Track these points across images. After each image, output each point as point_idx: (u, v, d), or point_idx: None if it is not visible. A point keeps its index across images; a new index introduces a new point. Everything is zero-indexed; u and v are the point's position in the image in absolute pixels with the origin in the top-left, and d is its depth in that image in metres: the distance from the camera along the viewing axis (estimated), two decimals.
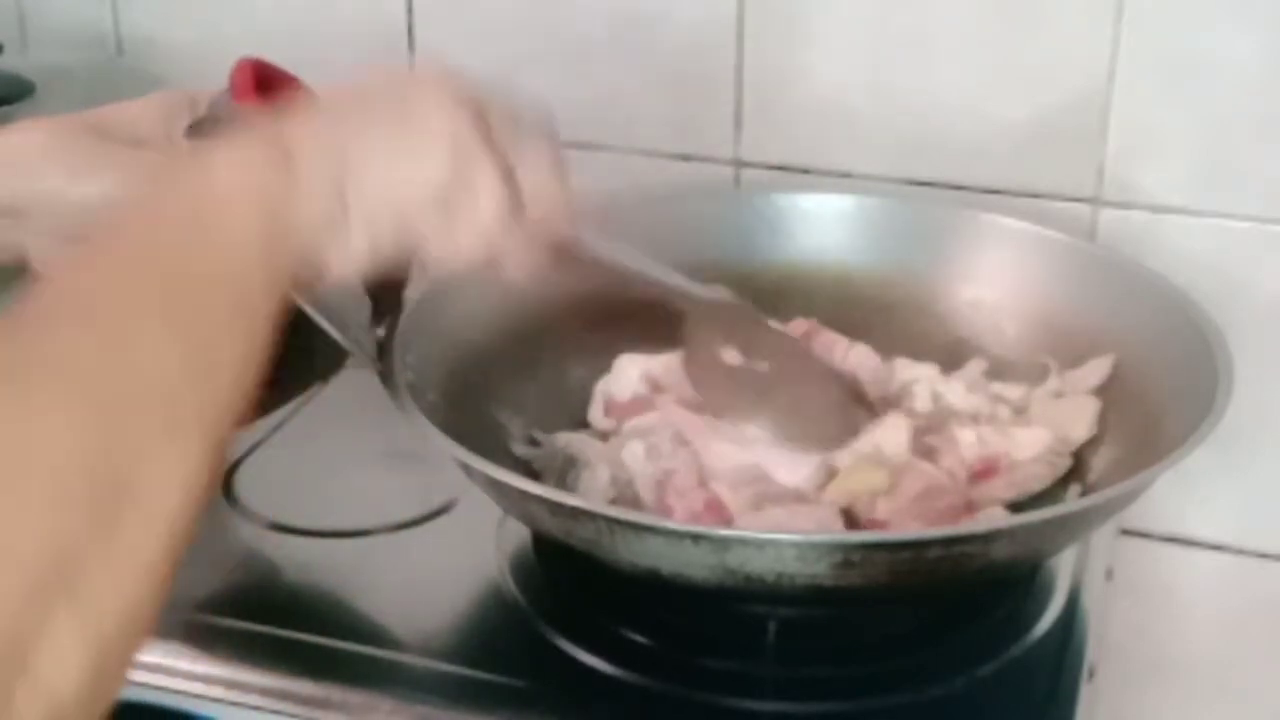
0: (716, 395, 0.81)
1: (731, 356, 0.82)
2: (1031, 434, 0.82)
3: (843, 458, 0.81)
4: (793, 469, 0.79)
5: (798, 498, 0.78)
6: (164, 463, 0.45)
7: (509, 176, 0.61)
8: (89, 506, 0.42)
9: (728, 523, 0.75)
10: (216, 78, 0.74)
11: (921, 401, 0.86)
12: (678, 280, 0.80)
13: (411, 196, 0.59)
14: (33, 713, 0.39)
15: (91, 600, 0.41)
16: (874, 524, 0.78)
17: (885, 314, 0.92)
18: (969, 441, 0.81)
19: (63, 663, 0.40)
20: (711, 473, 0.78)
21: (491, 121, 0.61)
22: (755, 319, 0.84)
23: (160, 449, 0.45)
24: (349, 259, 0.58)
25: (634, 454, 0.79)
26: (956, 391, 0.86)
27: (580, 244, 0.70)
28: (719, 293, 0.82)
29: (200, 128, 0.73)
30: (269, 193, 0.54)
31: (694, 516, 0.75)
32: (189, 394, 0.47)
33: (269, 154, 0.56)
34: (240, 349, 0.51)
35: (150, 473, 0.44)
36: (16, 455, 0.42)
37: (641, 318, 0.84)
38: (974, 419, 0.84)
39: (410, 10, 1.07)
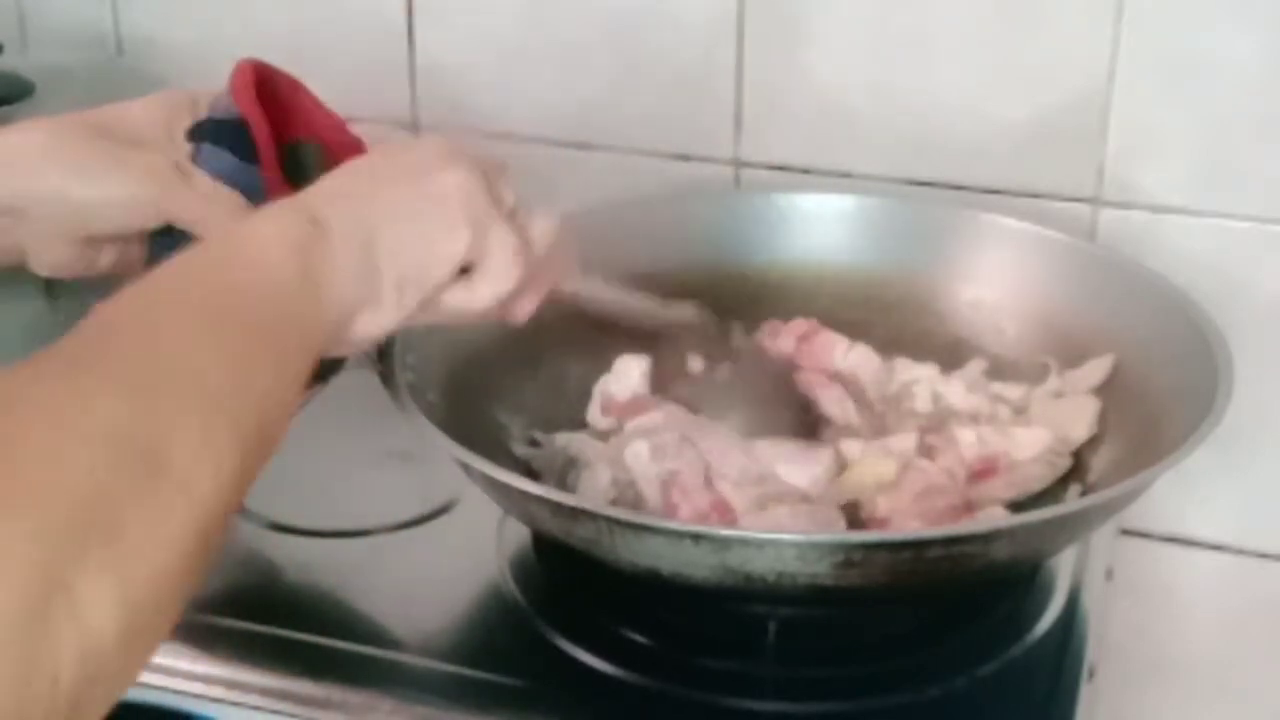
0: (680, 399, 0.86)
1: (695, 364, 0.87)
2: (1031, 434, 0.82)
3: (851, 453, 0.81)
4: (800, 469, 0.79)
5: (803, 497, 0.78)
6: (194, 443, 0.48)
7: (520, 239, 0.66)
8: (125, 468, 0.45)
9: (733, 523, 0.75)
10: (216, 78, 0.74)
11: (921, 401, 0.86)
12: (648, 303, 0.85)
13: (437, 269, 0.64)
14: (67, 639, 0.41)
15: (124, 555, 0.44)
16: (874, 523, 0.78)
17: (885, 314, 0.92)
18: (969, 441, 0.81)
19: (97, 603, 0.42)
20: (717, 473, 0.78)
21: (497, 188, 0.66)
22: (718, 331, 0.88)
23: (191, 431, 0.48)
24: (378, 325, 0.63)
25: (637, 454, 0.79)
26: (956, 391, 0.86)
27: (576, 286, 0.78)
28: (685, 310, 0.87)
29: (202, 129, 0.73)
30: (307, 253, 0.59)
31: (700, 516, 0.75)
32: (227, 394, 0.51)
33: (304, 221, 0.60)
34: (275, 369, 0.55)
35: (181, 450, 0.47)
36: (63, 421, 0.45)
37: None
38: (974, 419, 0.84)
39: (410, 10, 1.07)
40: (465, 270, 0.66)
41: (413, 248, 0.63)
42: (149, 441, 0.47)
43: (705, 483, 0.77)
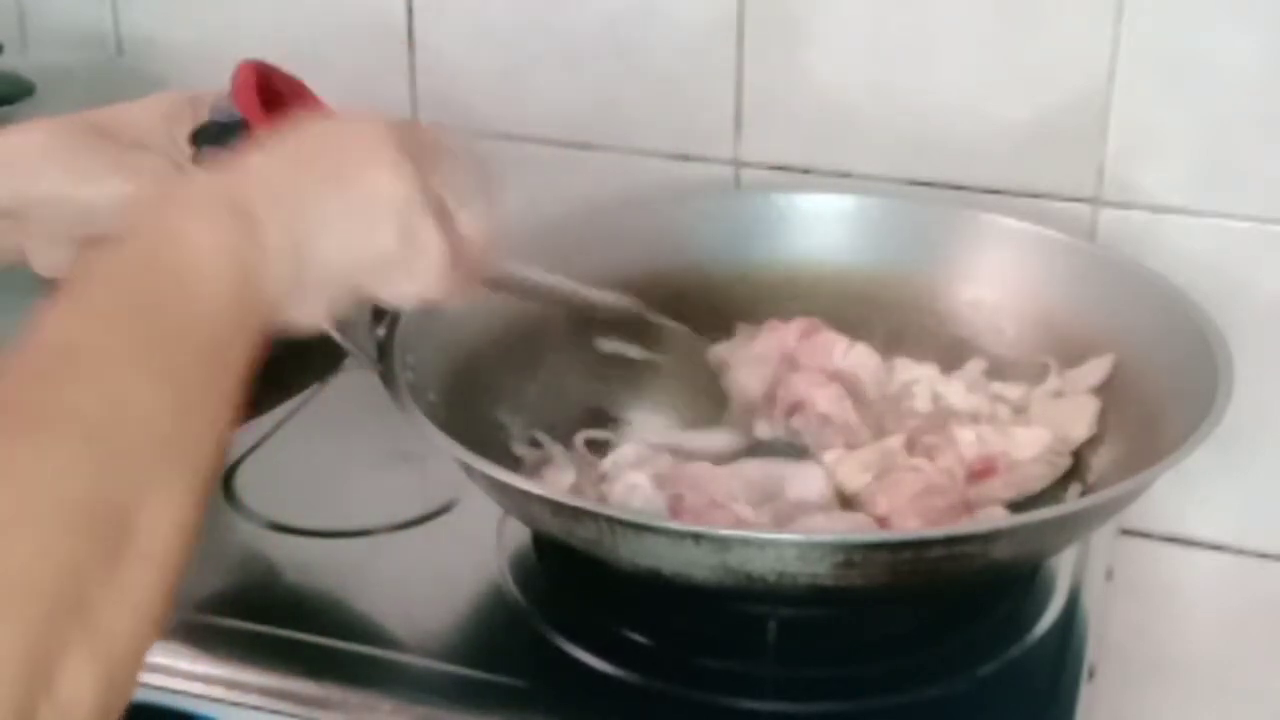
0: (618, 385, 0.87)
1: (634, 352, 0.87)
2: (1031, 434, 0.82)
3: (843, 465, 0.81)
4: (804, 484, 0.79)
5: (819, 509, 0.78)
6: (160, 501, 0.48)
7: (449, 227, 0.65)
8: (96, 542, 0.45)
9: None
10: (217, 78, 0.74)
11: (921, 401, 0.86)
12: (587, 291, 0.84)
13: (363, 262, 0.63)
14: None
15: (101, 636, 0.44)
16: (873, 523, 0.78)
17: (885, 314, 0.92)
18: (969, 441, 0.81)
19: (78, 686, 0.43)
20: (726, 495, 0.78)
21: (428, 169, 0.64)
22: (653, 318, 0.87)
23: (155, 488, 0.48)
24: (308, 315, 0.62)
25: (634, 485, 0.79)
26: (957, 391, 0.86)
27: (505, 271, 0.76)
28: (620, 299, 0.86)
29: (205, 133, 0.73)
30: (245, 265, 0.57)
31: None
32: (178, 437, 0.50)
33: (235, 216, 0.58)
34: (218, 393, 0.54)
35: (148, 511, 0.47)
36: (30, 494, 0.45)
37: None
38: (974, 419, 0.84)
39: (410, 10, 1.07)
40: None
41: (339, 252, 0.62)
42: (115, 506, 0.46)
43: (712, 504, 0.77)
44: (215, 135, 0.72)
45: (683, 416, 0.86)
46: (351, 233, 0.62)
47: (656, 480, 0.78)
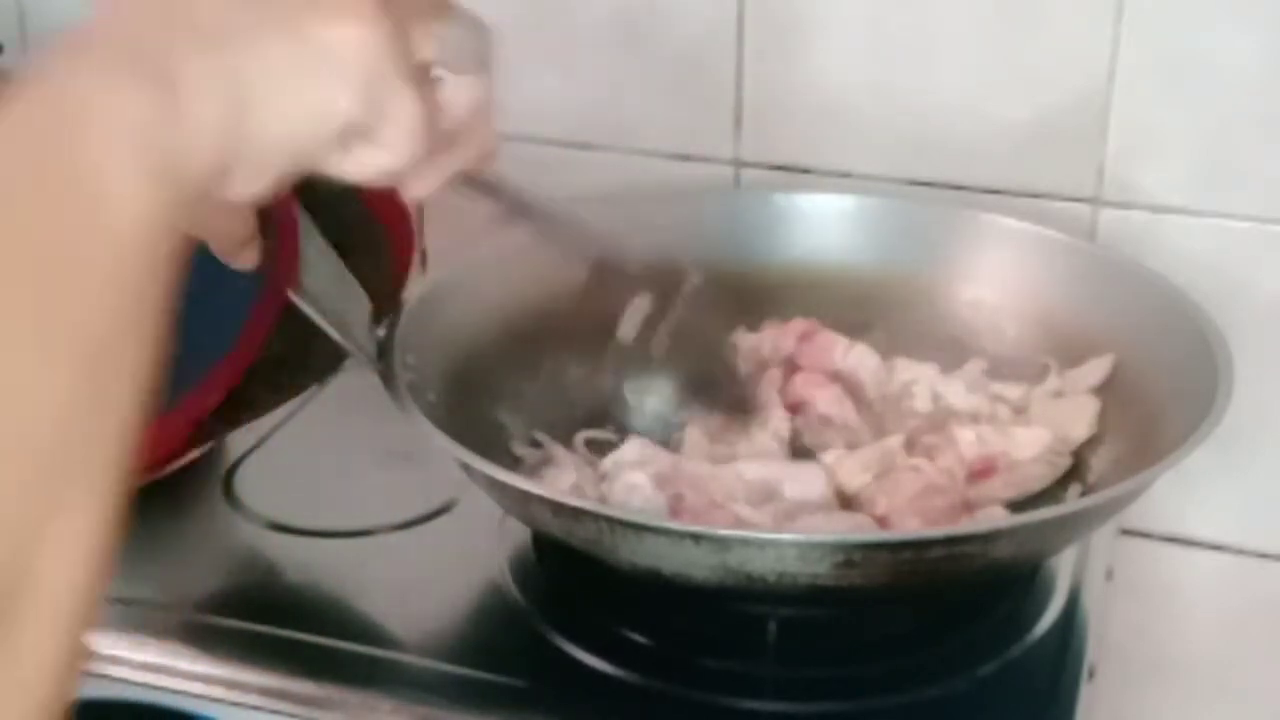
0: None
1: (642, 304, 0.80)
2: (1031, 434, 0.82)
3: (844, 465, 0.81)
4: (803, 485, 0.79)
5: (820, 509, 0.78)
6: (62, 534, 0.37)
7: (428, 94, 0.54)
8: None
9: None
10: None
11: (921, 401, 0.86)
12: (585, 223, 0.75)
13: (316, 131, 0.50)
14: None
15: None
16: (873, 521, 0.78)
17: (885, 314, 0.92)
18: (969, 441, 0.81)
19: None
20: (726, 495, 0.78)
21: (411, 24, 0.53)
22: (670, 271, 0.80)
23: (56, 517, 0.37)
24: (242, 194, 0.49)
25: (634, 485, 0.78)
26: (957, 391, 0.86)
27: (499, 183, 0.68)
28: (621, 244, 0.78)
29: None
30: (155, 141, 0.42)
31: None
32: (84, 438, 0.38)
33: (147, 86, 0.43)
34: (134, 360, 0.40)
35: (46, 552, 0.36)
36: None
37: None
38: (974, 419, 0.84)
39: None
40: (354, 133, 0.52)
41: (285, 110, 0.48)
42: (16, 559, 0.35)
43: (712, 504, 0.77)
44: None
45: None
46: (303, 93, 0.49)
47: (657, 480, 0.78)
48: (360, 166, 0.53)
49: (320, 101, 0.49)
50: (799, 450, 0.85)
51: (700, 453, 0.82)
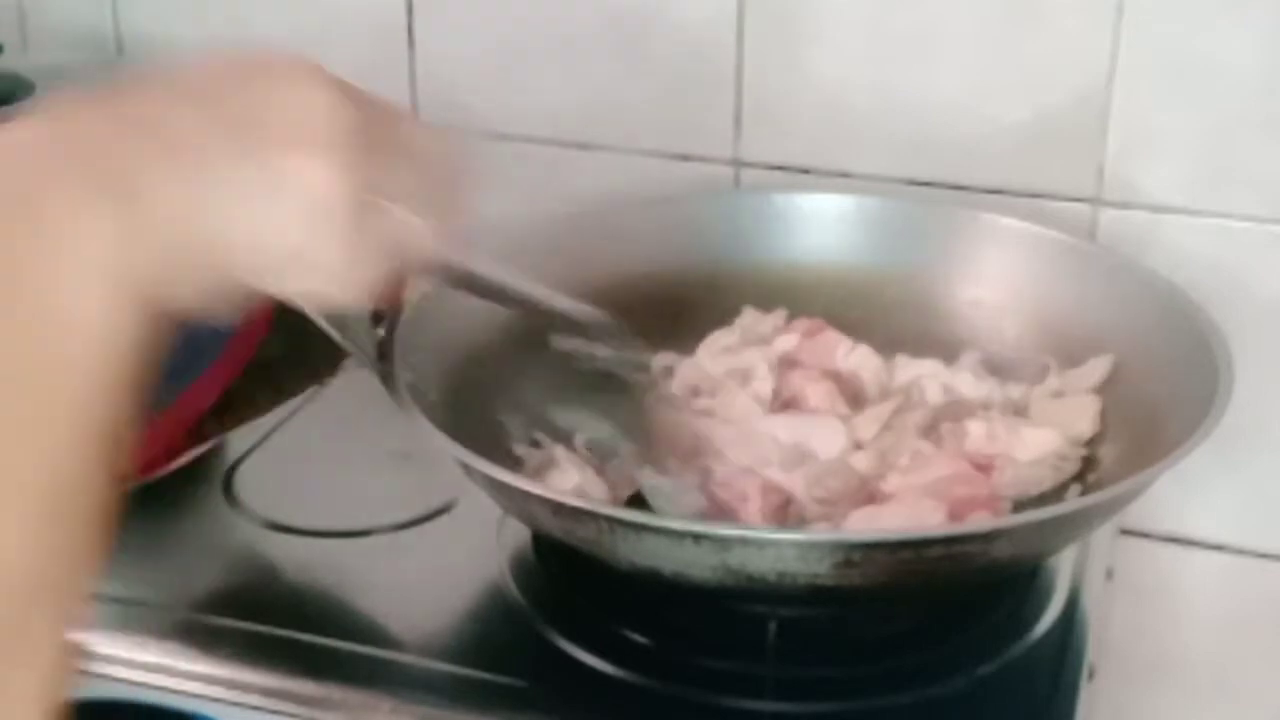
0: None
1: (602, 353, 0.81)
2: (1040, 435, 0.82)
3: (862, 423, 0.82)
4: (827, 438, 0.79)
5: (854, 474, 0.78)
6: (10, 699, 0.35)
7: (377, 222, 0.52)
8: None
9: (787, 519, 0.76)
10: None
11: (933, 394, 0.86)
12: (555, 299, 0.78)
13: (255, 251, 0.49)
14: None
15: None
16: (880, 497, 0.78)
17: (885, 314, 0.92)
18: (977, 434, 0.81)
19: None
20: (757, 459, 0.78)
21: (374, 160, 0.51)
22: (625, 336, 0.82)
23: (15, 670, 0.36)
24: (177, 299, 0.46)
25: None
26: (966, 381, 0.86)
27: (463, 267, 0.69)
28: (591, 312, 0.81)
29: None
30: (117, 259, 0.42)
31: (769, 513, 0.76)
32: (34, 577, 0.36)
33: (119, 205, 0.43)
34: (95, 486, 0.39)
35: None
36: None
37: (643, 313, 0.85)
38: (985, 407, 0.84)
39: (410, 10, 1.07)
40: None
41: (227, 233, 0.47)
42: None
43: (746, 472, 0.77)
44: None
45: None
46: (252, 216, 0.48)
47: (681, 457, 0.79)
48: (293, 292, 0.52)
49: (268, 221, 0.49)
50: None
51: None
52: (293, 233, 0.49)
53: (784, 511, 0.78)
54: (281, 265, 0.50)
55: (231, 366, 0.80)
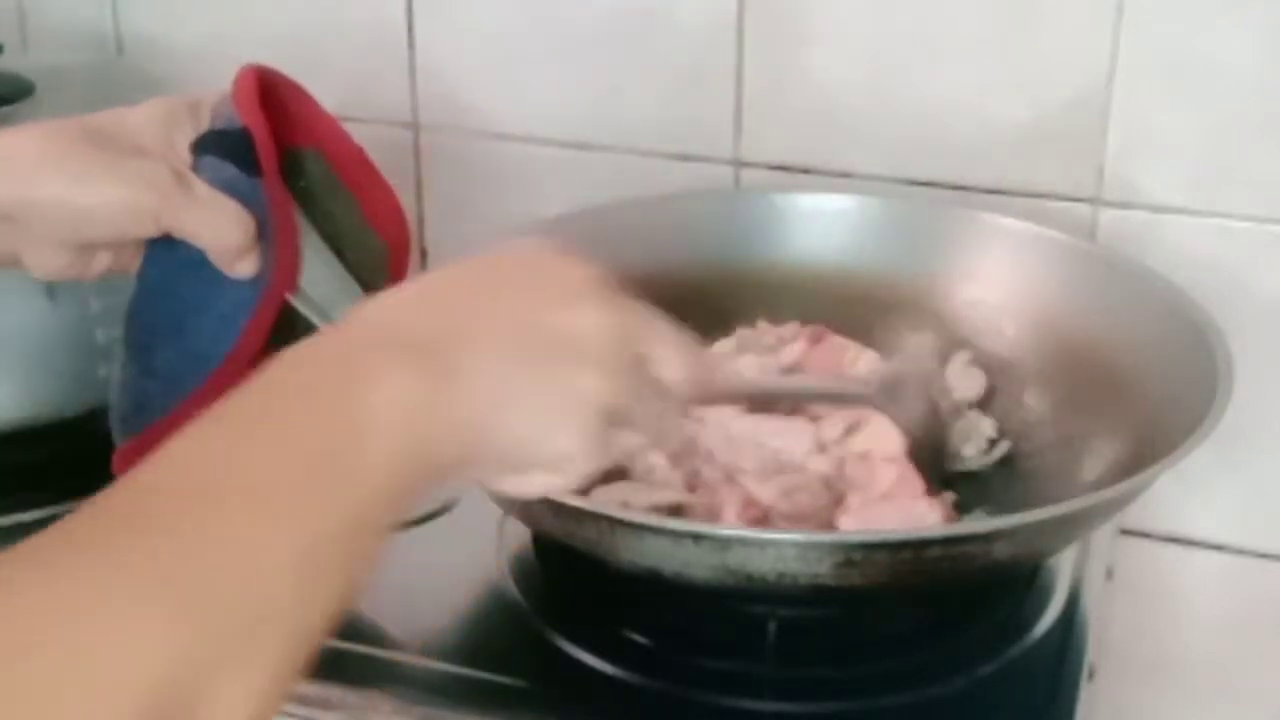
0: None
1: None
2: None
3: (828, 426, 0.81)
4: (793, 438, 0.79)
5: (821, 480, 0.78)
6: (235, 695, 0.42)
7: (630, 436, 0.59)
8: None
9: (765, 524, 0.76)
10: (217, 78, 0.74)
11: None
12: (829, 384, 0.83)
13: (527, 456, 0.56)
14: None
15: None
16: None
17: (885, 314, 0.92)
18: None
19: None
20: (740, 465, 0.78)
21: (638, 372, 0.58)
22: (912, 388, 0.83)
23: (236, 672, 0.42)
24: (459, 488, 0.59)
25: (651, 465, 0.79)
26: (956, 374, 0.87)
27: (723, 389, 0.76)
28: (853, 386, 0.83)
29: (204, 142, 0.72)
30: (419, 415, 0.50)
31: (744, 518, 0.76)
32: (286, 618, 0.45)
33: (429, 376, 0.51)
34: (345, 577, 0.48)
35: (221, 700, 0.41)
36: (94, 668, 0.39)
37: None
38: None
39: (410, 10, 1.07)
40: None
41: (520, 433, 0.55)
42: (184, 694, 0.40)
43: (726, 480, 0.77)
44: (215, 144, 0.71)
45: None
46: (539, 421, 0.55)
47: (673, 458, 0.79)
48: (529, 486, 0.58)
49: (545, 437, 0.55)
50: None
51: None
52: (568, 441, 0.56)
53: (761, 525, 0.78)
54: (537, 465, 0.56)
55: (235, 373, 0.80)
